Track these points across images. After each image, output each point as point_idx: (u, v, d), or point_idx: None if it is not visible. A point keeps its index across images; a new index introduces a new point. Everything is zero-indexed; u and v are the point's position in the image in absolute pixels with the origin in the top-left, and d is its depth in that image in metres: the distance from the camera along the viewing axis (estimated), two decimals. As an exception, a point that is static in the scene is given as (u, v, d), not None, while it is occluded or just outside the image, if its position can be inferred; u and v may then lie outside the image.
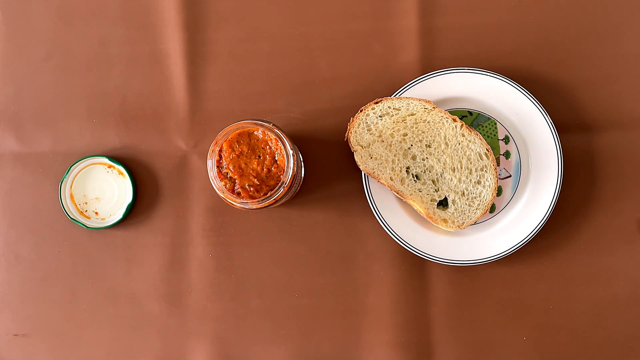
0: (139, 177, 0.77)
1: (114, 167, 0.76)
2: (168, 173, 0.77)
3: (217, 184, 0.65)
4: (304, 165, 0.75)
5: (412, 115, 0.72)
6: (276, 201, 0.66)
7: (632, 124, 0.76)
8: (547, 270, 0.75)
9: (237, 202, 0.65)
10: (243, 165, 0.66)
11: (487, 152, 0.71)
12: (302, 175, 0.74)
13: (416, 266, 0.76)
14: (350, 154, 0.76)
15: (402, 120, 0.72)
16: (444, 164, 0.71)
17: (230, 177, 0.66)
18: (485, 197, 0.71)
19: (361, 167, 0.71)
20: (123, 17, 0.78)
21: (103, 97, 0.78)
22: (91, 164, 0.76)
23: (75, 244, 0.77)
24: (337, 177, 0.76)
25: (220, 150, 0.66)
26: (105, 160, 0.76)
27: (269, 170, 0.66)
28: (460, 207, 0.72)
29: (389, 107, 0.72)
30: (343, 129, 0.76)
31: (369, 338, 0.75)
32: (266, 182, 0.66)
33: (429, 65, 0.76)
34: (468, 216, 0.71)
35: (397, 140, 0.72)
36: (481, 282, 0.75)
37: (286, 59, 0.77)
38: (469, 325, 0.75)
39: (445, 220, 0.71)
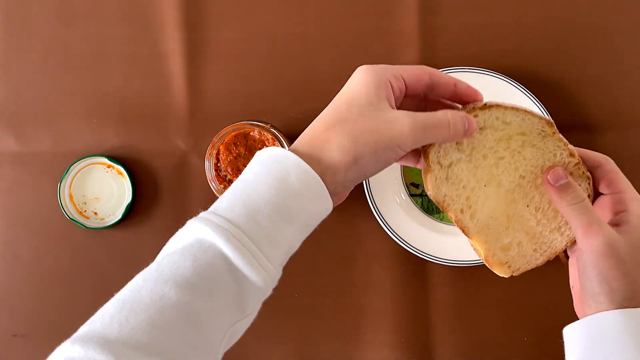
0: (138, 177, 0.77)
1: (113, 167, 0.76)
2: (167, 173, 0.77)
3: (215, 187, 0.65)
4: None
5: (521, 135, 0.55)
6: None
7: (632, 124, 0.75)
8: (548, 270, 0.75)
9: (236, 204, 0.65)
10: (241, 167, 0.66)
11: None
12: (302, 175, 0.74)
13: (416, 266, 0.75)
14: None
15: (507, 139, 0.55)
16: (530, 200, 0.56)
17: (229, 180, 0.66)
18: (556, 245, 0.57)
19: (430, 193, 0.55)
20: (122, 17, 0.78)
21: (102, 97, 0.77)
22: (90, 164, 0.76)
23: (75, 244, 0.77)
24: (337, 177, 0.76)
25: (217, 153, 0.65)
26: (105, 160, 0.76)
27: (269, 171, 0.66)
28: (525, 251, 0.58)
29: (497, 119, 0.54)
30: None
31: (369, 338, 0.75)
32: (266, 183, 0.66)
33: (429, 64, 0.75)
34: (528, 262, 0.58)
35: (488, 164, 0.55)
36: (481, 282, 0.75)
37: (286, 59, 0.77)
38: (469, 326, 0.75)
39: (502, 264, 0.58)
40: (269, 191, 0.45)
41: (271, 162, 0.46)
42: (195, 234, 0.45)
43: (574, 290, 0.55)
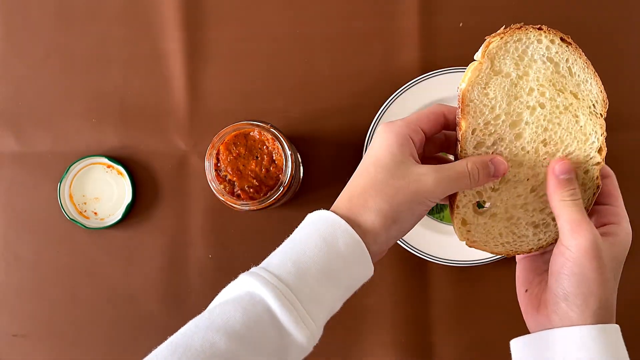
0: (138, 177, 0.77)
1: (113, 167, 0.76)
2: (167, 173, 0.77)
3: (216, 187, 0.65)
4: (303, 165, 0.75)
5: (574, 95, 0.52)
6: (276, 201, 0.66)
7: (632, 124, 0.75)
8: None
9: (237, 204, 0.65)
10: (241, 167, 0.66)
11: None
12: (302, 175, 0.74)
13: (416, 266, 0.75)
14: (349, 154, 0.75)
15: (559, 88, 0.52)
16: (533, 175, 0.53)
17: (229, 180, 0.66)
18: (522, 244, 0.54)
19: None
20: (122, 17, 0.77)
21: (102, 96, 0.77)
22: (90, 164, 0.76)
23: (74, 244, 0.77)
24: (336, 177, 0.76)
25: (217, 153, 0.65)
26: (105, 160, 0.76)
27: (267, 171, 0.66)
28: (492, 227, 0.54)
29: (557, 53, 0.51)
30: (343, 129, 0.75)
31: (369, 338, 0.75)
32: (265, 183, 0.66)
33: (430, 64, 0.76)
34: (486, 242, 0.54)
35: (526, 101, 0.52)
36: (482, 282, 0.75)
37: (286, 59, 0.77)
38: (470, 326, 0.75)
39: (465, 223, 0.54)
40: (318, 253, 0.48)
41: (322, 224, 0.49)
42: (247, 287, 0.47)
43: (527, 294, 0.54)
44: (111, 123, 0.77)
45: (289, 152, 0.65)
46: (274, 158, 0.66)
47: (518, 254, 0.55)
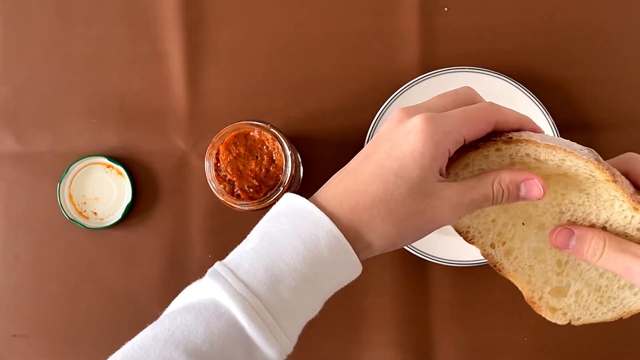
0: (138, 177, 0.77)
1: (112, 167, 0.76)
2: (167, 173, 0.77)
3: (215, 187, 0.65)
4: (303, 165, 0.75)
5: (564, 176, 0.47)
6: (276, 201, 0.66)
7: (632, 124, 0.75)
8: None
9: (236, 204, 0.65)
10: (241, 167, 0.66)
11: None
12: (302, 175, 0.74)
13: (416, 266, 0.75)
14: (349, 154, 0.75)
15: (545, 178, 0.47)
16: None
17: (229, 180, 0.66)
18: (630, 305, 0.49)
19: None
20: (122, 17, 0.77)
21: (102, 96, 0.77)
22: (90, 164, 0.76)
23: (74, 244, 0.77)
24: (337, 177, 0.76)
25: (217, 153, 0.65)
26: (104, 160, 0.76)
27: (267, 170, 0.66)
28: (586, 302, 0.50)
29: (527, 155, 0.46)
30: (343, 129, 0.75)
31: (369, 338, 0.75)
32: (265, 183, 0.66)
33: (430, 64, 0.76)
34: (592, 314, 0.50)
35: (522, 204, 0.49)
36: (482, 282, 0.75)
37: (286, 58, 0.77)
38: (469, 326, 0.75)
39: (553, 310, 0.51)
40: (295, 258, 0.42)
41: (301, 221, 0.43)
42: (212, 294, 0.43)
43: None
44: (111, 123, 0.77)
45: (289, 152, 0.65)
46: (274, 158, 0.66)
47: (633, 314, 0.50)
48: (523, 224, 0.49)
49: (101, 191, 0.76)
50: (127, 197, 0.76)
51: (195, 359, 0.41)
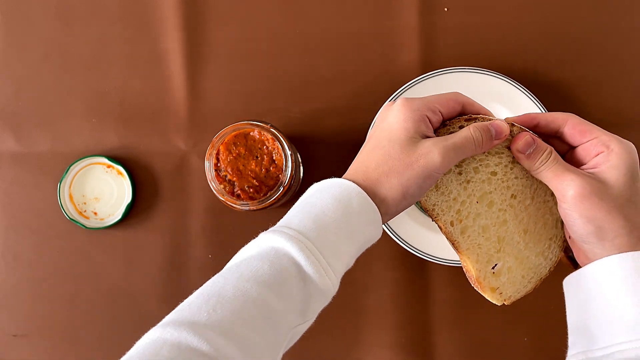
0: (138, 177, 0.77)
1: (113, 167, 0.76)
2: (167, 173, 0.77)
3: (216, 187, 0.65)
4: (303, 165, 0.75)
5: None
6: (276, 201, 0.66)
7: (632, 124, 0.75)
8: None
9: (236, 204, 0.65)
10: (241, 167, 0.66)
11: (561, 220, 0.57)
12: (302, 175, 0.74)
13: (416, 266, 0.75)
14: (349, 154, 0.75)
15: (498, 153, 0.56)
16: (520, 221, 0.57)
17: (229, 180, 0.66)
18: (541, 271, 0.58)
19: (420, 200, 0.56)
20: (122, 17, 0.77)
21: (102, 96, 0.77)
22: (90, 164, 0.76)
23: (74, 244, 0.77)
24: (336, 177, 0.76)
25: (217, 153, 0.65)
26: (104, 160, 0.76)
27: (267, 170, 0.66)
28: (514, 277, 0.57)
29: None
30: (343, 129, 0.75)
31: (369, 338, 0.75)
32: (265, 183, 0.66)
33: (430, 64, 0.76)
34: (518, 289, 0.58)
35: (479, 179, 0.56)
36: (481, 282, 0.75)
37: (286, 58, 0.77)
38: (470, 326, 0.75)
39: (493, 289, 0.57)
40: (335, 212, 0.51)
41: (335, 189, 0.52)
42: (271, 243, 0.50)
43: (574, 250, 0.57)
44: (111, 123, 0.77)
45: (289, 152, 0.65)
46: (274, 158, 0.66)
47: (542, 280, 0.59)
48: (477, 202, 0.56)
49: (101, 191, 0.76)
50: (127, 197, 0.76)
51: (265, 288, 0.48)
